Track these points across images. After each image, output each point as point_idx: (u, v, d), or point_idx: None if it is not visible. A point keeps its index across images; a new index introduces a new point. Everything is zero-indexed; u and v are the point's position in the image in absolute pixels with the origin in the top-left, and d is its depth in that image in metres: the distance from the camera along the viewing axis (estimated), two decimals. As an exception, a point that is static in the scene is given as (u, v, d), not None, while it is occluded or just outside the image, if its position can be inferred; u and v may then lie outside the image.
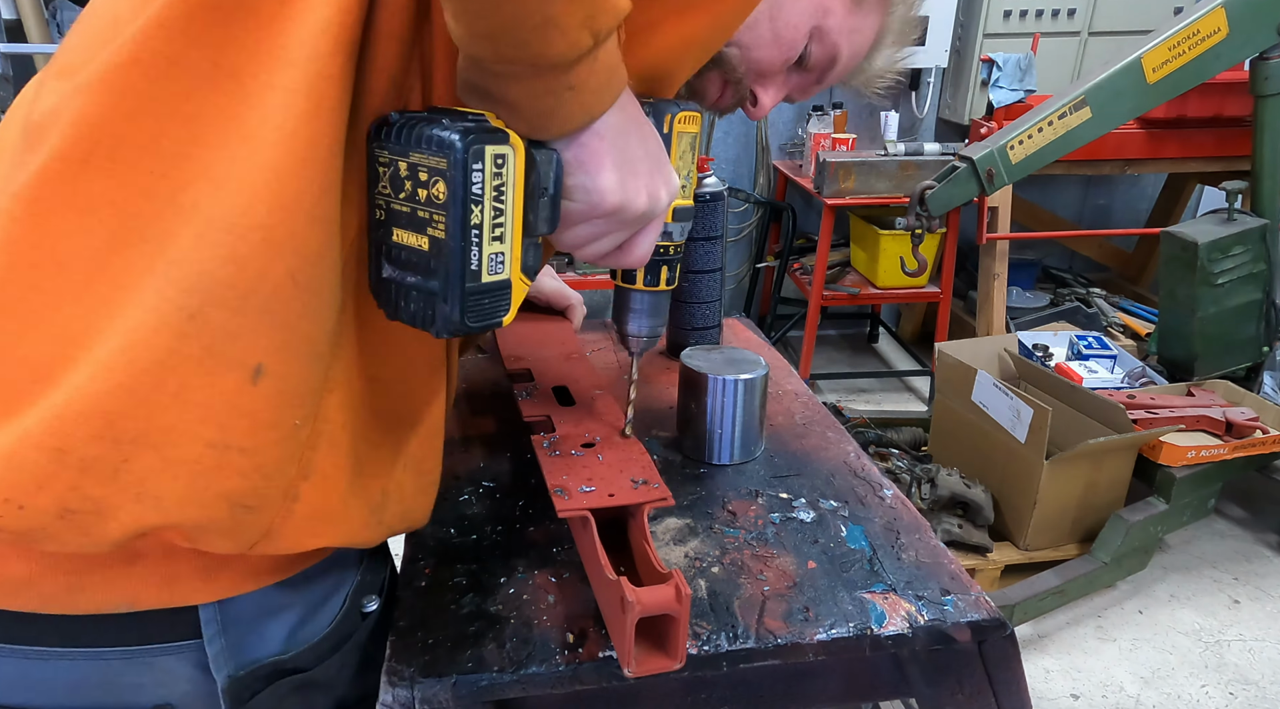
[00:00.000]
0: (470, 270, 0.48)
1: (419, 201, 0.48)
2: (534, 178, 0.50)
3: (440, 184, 0.46)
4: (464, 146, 0.45)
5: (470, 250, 0.48)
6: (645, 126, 0.55)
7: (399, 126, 0.48)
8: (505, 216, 0.49)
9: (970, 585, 0.67)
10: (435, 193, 0.47)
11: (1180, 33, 2.10)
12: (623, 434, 0.77)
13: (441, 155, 0.46)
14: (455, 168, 0.46)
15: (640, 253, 0.58)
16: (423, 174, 0.47)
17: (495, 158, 0.47)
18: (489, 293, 0.50)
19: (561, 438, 0.73)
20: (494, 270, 0.49)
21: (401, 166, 0.48)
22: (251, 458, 0.48)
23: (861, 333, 3.89)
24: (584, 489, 0.65)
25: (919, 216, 2.22)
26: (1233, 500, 2.58)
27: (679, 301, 1.06)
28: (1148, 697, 1.90)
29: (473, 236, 0.47)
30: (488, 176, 0.47)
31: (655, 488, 0.65)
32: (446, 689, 0.58)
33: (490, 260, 0.49)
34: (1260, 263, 2.31)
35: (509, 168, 0.48)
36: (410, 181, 0.48)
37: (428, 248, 0.48)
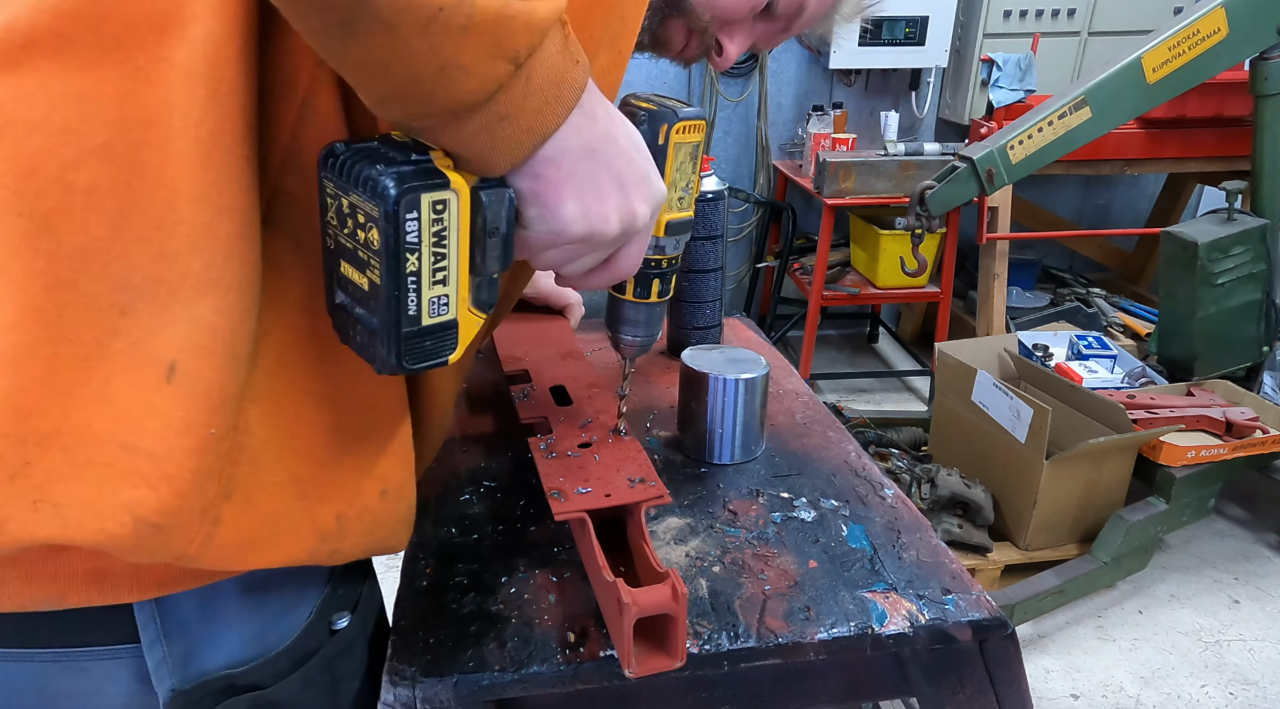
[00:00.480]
0: (408, 315, 0.46)
1: (359, 242, 0.45)
2: (480, 221, 0.47)
3: (374, 231, 0.44)
4: (396, 196, 0.43)
5: (406, 297, 0.45)
6: (620, 141, 0.50)
7: (343, 159, 0.45)
8: (448, 260, 0.46)
9: (971, 585, 0.67)
10: (370, 238, 0.44)
11: (1180, 33, 2.10)
12: (615, 432, 0.76)
13: (374, 203, 0.43)
14: (387, 219, 0.43)
15: (623, 269, 0.55)
16: (360, 216, 0.44)
17: (434, 205, 0.44)
18: (430, 334, 0.48)
19: (558, 439, 0.73)
20: (436, 313, 0.47)
21: (344, 203, 0.45)
22: (161, 466, 0.44)
23: (861, 333, 3.89)
24: (581, 490, 0.65)
25: (919, 216, 2.22)
26: (1233, 500, 2.58)
27: (679, 301, 1.06)
28: (1148, 697, 1.90)
29: (408, 284, 0.45)
30: (425, 224, 0.44)
31: (652, 486, 0.65)
32: (448, 689, 0.58)
33: (431, 304, 0.47)
34: (1260, 263, 2.31)
35: (450, 213, 0.45)
36: (351, 220, 0.45)
37: (368, 288, 0.46)
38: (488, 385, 1.02)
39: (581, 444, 0.72)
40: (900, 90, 3.41)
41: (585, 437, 0.73)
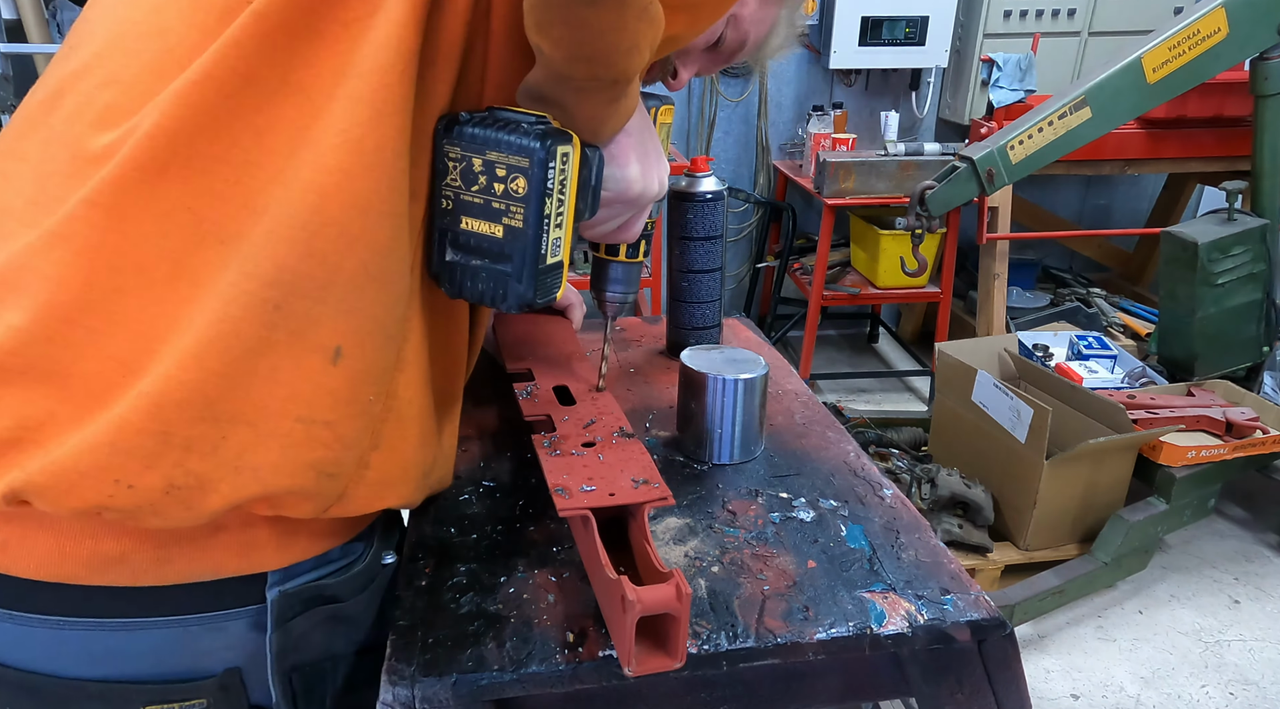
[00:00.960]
0: (540, 253, 0.56)
1: (494, 194, 0.54)
2: (585, 173, 0.58)
3: (521, 180, 0.53)
4: (544, 148, 0.52)
5: (543, 237, 0.55)
6: (649, 121, 0.64)
7: (470, 126, 0.54)
8: (566, 206, 0.57)
9: (970, 585, 0.68)
10: (514, 187, 0.53)
11: (1180, 33, 2.10)
12: (596, 389, 0.84)
13: (524, 155, 0.52)
14: (536, 166, 0.52)
15: (636, 229, 0.70)
16: (500, 170, 0.53)
17: (563, 156, 0.54)
18: (551, 272, 0.58)
19: (562, 437, 0.73)
20: (555, 253, 0.57)
21: (475, 162, 0.54)
22: (333, 430, 0.54)
23: (861, 333, 3.89)
24: (584, 488, 0.65)
25: (919, 216, 2.22)
26: (1233, 500, 2.58)
27: (679, 301, 1.06)
28: (1148, 697, 1.90)
29: (544, 225, 0.55)
30: (557, 173, 0.54)
31: (655, 487, 0.65)
32: (447, 688, 0.58)
33: (554, 244, 0.57)
34: (1260, 263, 2.31)
35: (570, 165, 0.56)
36: (485, 176, 0.54)
37: (502, 235, 0.55)
38: (487, 386, 1.02)
39: (585, 443, 0.72)
40: (900, 90, 3.41)
41: (589, 436, 0.74)
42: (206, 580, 0.58)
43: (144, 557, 0.56)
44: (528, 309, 0.58)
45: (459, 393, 0.72)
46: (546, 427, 0.77)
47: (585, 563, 0.67)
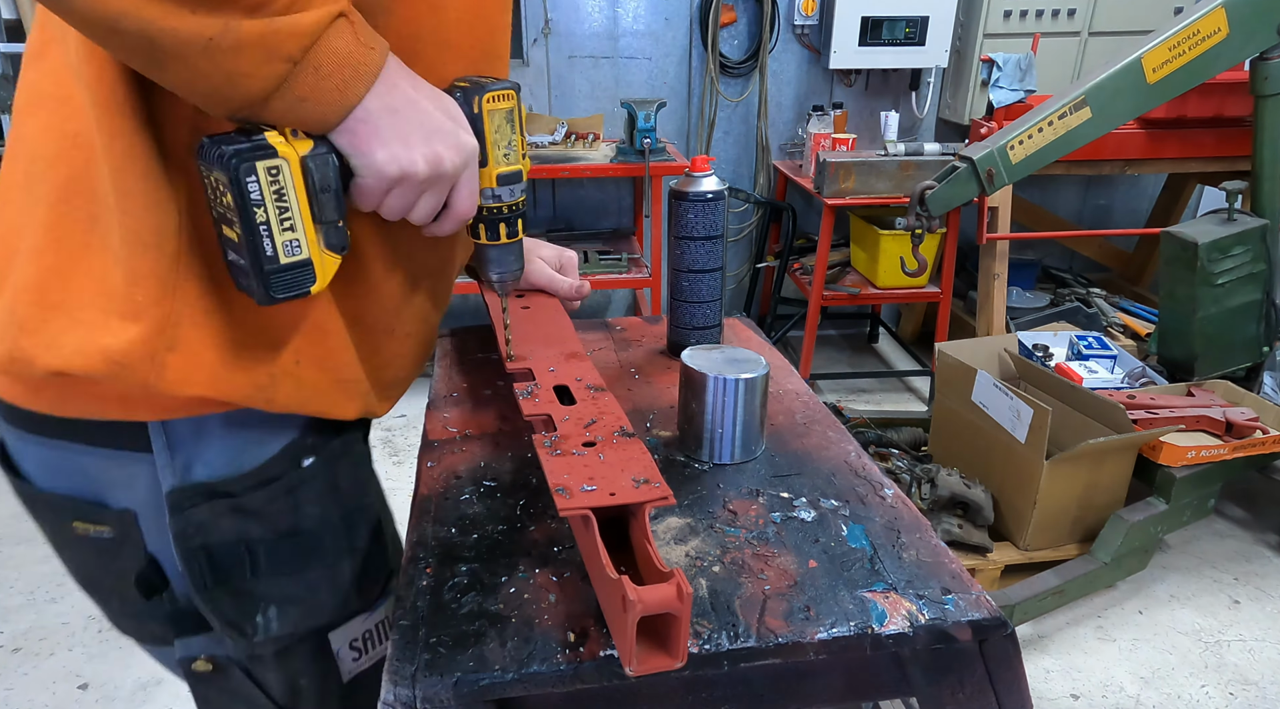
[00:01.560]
0: (266, 256, 0.61)
1: (226, 206, 0.60)
2: (311, 180, 0.61)
3: (228, 196, 0.59)
4: (235, 165, 0.57)
5: (261, 242, 0.60)
6: (422, 103, 0.64)
7: (206, 147, 0.59)
8: (292, 212, 0.61)
9: (971, 585, 0.67)
10: (227, 201, 0.59)
11: (1180, 33, 2.10)
12: (507, 358, 0.89)
13: (223, 172, 0.58)
14: (235, 182, 0.58)
15: (460, 211, 0.71)
16: (220, 186, 0.59)
17: (268, 170, 0.59)
18: (290, 270, 0.62)
19: (563, 437, 0.73)
20: (291, 253, 0.62)
21: (212, 178, 0.60)
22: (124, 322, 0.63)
23: (861, 333, 3.89)
24: (585, 488, 0.65)
25: (919, 216, 2.22)
26: (1233, 500, 2.58)
27: (679, 301, 1.06)
28: (1148, 697, 1.90)
29: (261, 231, 0.60)
30: (264, 185, 0.59)
31: (656, 487, 0.65)
32: (448, 688, 0.58)
33: (285, 246, 0.62)
34: (1260, 263, 2.31)
35: (284, 175, 0.60)
36: (215, 191, 0.60)
37: (237, 240, 0.61)
38: (487, 385, 1.03)
39: (586, 443, 0.72)
40: (900, 90, 3.41)
41: (589, 436, 0.73)
42: (99, 419, 0.70)
43: (51, 394, 0.68)
44: (271, 304, 0.63)
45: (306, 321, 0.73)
46: (547, 426, 0.77)
47: (586, 562, 0.67)
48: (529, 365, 0.89)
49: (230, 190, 0.58)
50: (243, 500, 0.74)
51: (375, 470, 0.88)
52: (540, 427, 0.77)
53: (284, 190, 0.60)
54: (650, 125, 2.87)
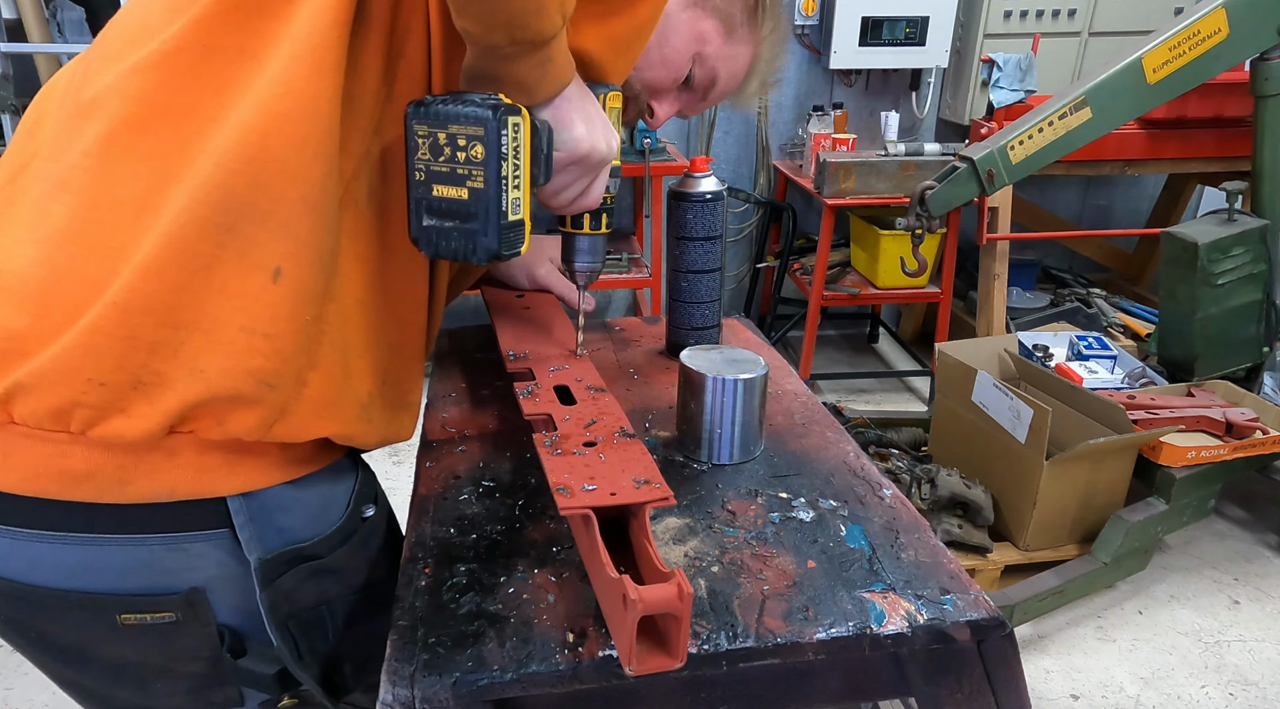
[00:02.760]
0: (502, 211, 0.64)
1: (458, 162, 0.62)
2: (536, 140, 0.67)
3: (479, 147, 0.62)
4: (495, 118, 0.61)
5: (503, 195, 0.64)
6: (589, 93, 0.72)
7: (434, 105, 0.62)
8: (521, 170, 0.65)
9: (969, 585, 0.68)
10: (474, 154, 0.62)
11: (1180, 33, 2.09)
12: (575, 354, 0.92)
13: (479, 125, 0.61)
14: (491, 133, 0.61)
15: (595, 195, 0.76)
16: (461, 140, 0.62)
17: (514, 125, 0.63)
18: (514, 228, 0.66)
19: (563, 437, 0.74)
20: (515, 211, 0.66)
21: (440, 136, 0.62)
22: (273, 343, 0.62)
23: (861, 333, 3.89)
24: (586, 488, 0.65)
25: (919, 217, 2.22)
26: (1233, 500, 2.58)
27: (677, 302, 1.06)
28: (1148, 697, 1.90)
29: (503, 185, 0.63)
30: (509, 139, 0.63)
31: (657, 487, 0.65)
32: (446, 688, 0.58)
33: (513, 203, 0.65)
34: (1260, 263, 2.31)
35: (521, 133, 0.64)
36: (450, 147, 0.62)
37: (468, 197, 0.63)
38: (487, 386, 1.03)
39: (586, 443, 0.73)
40: (900, 90, 3.41)
41: (590, 436, 0.74)
42: (164, 501, 0.65)
43: (108, 475, 0.63)
44: (496, 259, 0.66)
45: (412, 347, 0.78)
46: (547, 426, 0.77)
47: (586, 562, 0.67)
48: (529, 365, 0.89)
49: (483, 142, 0.61)
50: (327, 561, 0.74)
51: None
52: (540, 426, 0.77)
53: (520, 148, 0.64)
54: (650, 125, 2.87)
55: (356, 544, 0.77)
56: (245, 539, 0.68)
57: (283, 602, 0.71)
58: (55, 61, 2.85)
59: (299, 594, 0.72)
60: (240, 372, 0.61)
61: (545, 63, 0.64)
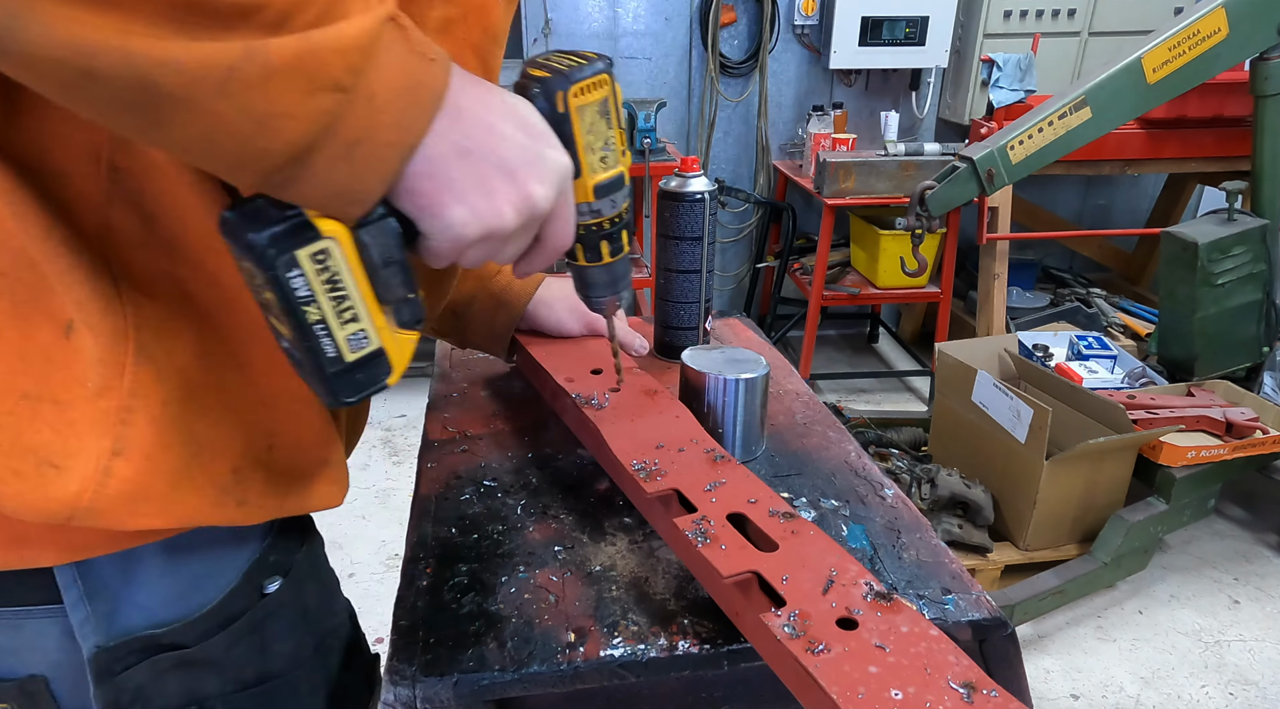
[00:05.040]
0: (328, 358, 0.48)
1: (266, 301, 0.47)
2: (369, 256, 0.47)
3: (268, 293, 0.45)
4: (272, 258, 0.44)
5: (320, 344, 0.47)
6: (499, 127, 0.49)
7: (231, 226, 0.46)
8: (351, 299, 0.48)
9: (971, 585, 0.67)
10: (268, 299, 0.46)
11: (1180, 33, 2.10)
12: (615, 389, 0.82)
13: (259, 267, 0.44)
14: (272, 282, 0.45)
15: (556, 246, 0.56)
16: (256, 280, 0.46)
17: (314, 256, 0.45)
18: (359, 368, 0.49)
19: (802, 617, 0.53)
20: (357, 347, 0.49)
21: (245, 267, 0.46)
22: (65, 413, 0.47)
23: (861, 333, 3.89)
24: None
25: (919, 216, 2.22)
26: (1233, 500, 2.58)
27: (661, 299, 1.05)
28: (1148, 697, 1.90)
29: (318, 332, 0.47)
30: (311, 276, 0.45)
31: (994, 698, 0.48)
32: (447, 688, 0.58)
33: (350, 342, 0.48)
34: (1260, 263, 2.31)
35: (335, 258, 0.46)
36: (253, 283, 0.47)
37: (291, 337, 0.48)
38: (487, 386, 1.03)
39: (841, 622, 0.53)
40: (900, 90, 3.41)
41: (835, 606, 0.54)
42: None
43: None
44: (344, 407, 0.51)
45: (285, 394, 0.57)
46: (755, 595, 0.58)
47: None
48: (674, 486, 0.66)
49: (270, 288, 0.45)
50: (196, 651, 0.57)
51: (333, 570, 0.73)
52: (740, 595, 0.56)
53: (338, 276, 0.46)
54: (650, 125, 2.87)
55: (244, 630, 0.59)
56: (77, 621, 0.54)
57: (130, 702, 0.56)
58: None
59: (154, 692, 0.56)
60: (19, 450, 0.47)
61: (344, 157, 0.42)
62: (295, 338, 0.47)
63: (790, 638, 0.50)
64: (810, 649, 0.49)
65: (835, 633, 0.50)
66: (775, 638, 0.50)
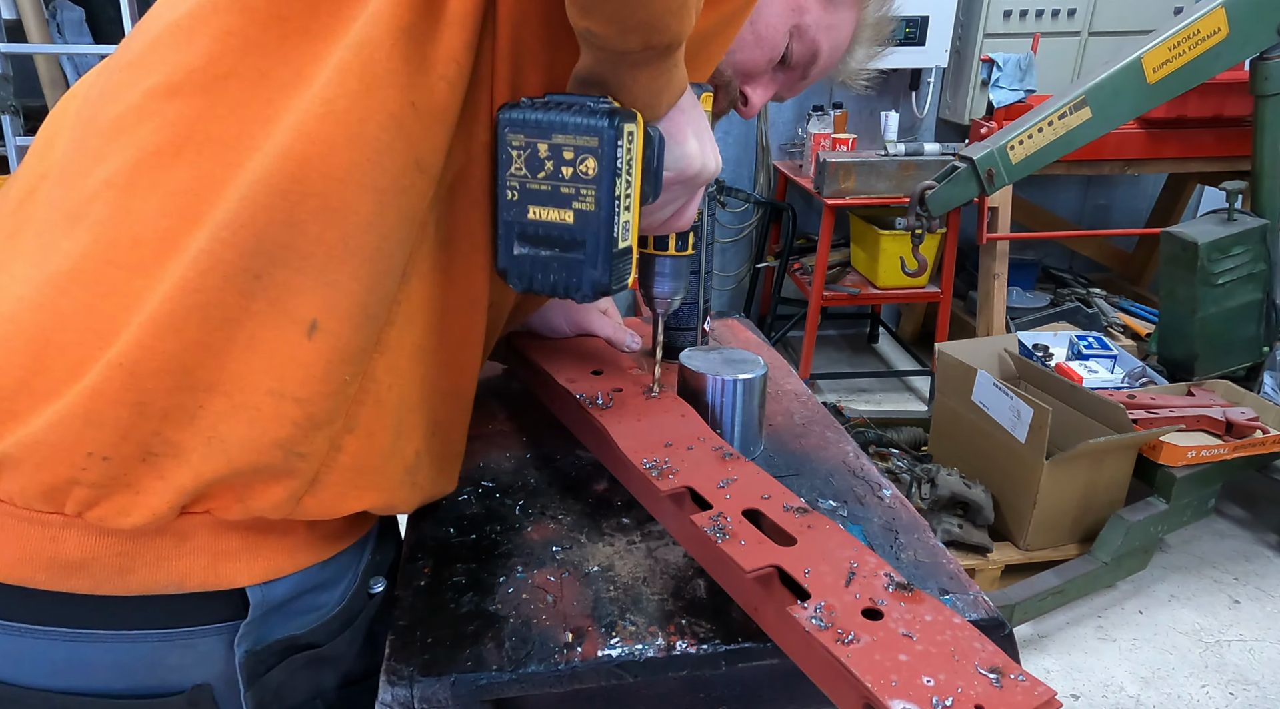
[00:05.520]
0: (613, 236, 0.54)
1: (563, 179, 0.52)
2: (649, 153, 0.56)
3: (590, 160, 0.51)
4: (612, 126, 0.51)
5: (615, 219, 0.53)
6: (697, 100, 0.63)
7: (534, 110, 0.52)
8: (633, 187, 0.55)
9: (969, 585, 0.67)
10: (584, 169, 0.52)
11: (1180, 33, 2.10)
12: (649, 393, 0.80)
13: (592, 134, 0.51)
14: (606, 144, 0.51)
15: (690, 215, 0.66)
16: (568, 153, 0.51)
17: (629, 134, 0.52)
18: (623, 256, 0.56)
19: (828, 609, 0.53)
20: (625, 236, 0.55)
21: (541, 148, 0.52)
22: (305, 408, 0.53)
23: (861, 333, 3.89)
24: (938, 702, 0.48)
25: (919, 216, 2.22)
26: (1233, 500, 2.58)
27: None
28: (1148, 697, 1.90)
29: (615, 207, 0.53)
30: (625, 152, 0.52)
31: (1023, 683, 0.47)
32: (445, 688, 0.58)
33: (624, 228, 0.55)
34: (1260, 263, 2.31)
35: (635, 143, 0.54)
36: (552, 161, 0.52)
37: (573, 220, 0.53)
38: (484, 386, 1.03)
39: (867, 612, 0.53)
40: (900, 90, 3.41)
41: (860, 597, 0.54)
42: (172, 594, 0.55)
43: (106, 564, 0.53)
44: (603, 294, 0.56)
45: (465, 393, 0.68)
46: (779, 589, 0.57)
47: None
48: (687, 484, 0.66)
49: (596, 154, 0.51)
50: (325, 650, 0.63)
51: None
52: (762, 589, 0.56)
53: (633, 162, 0.54)
54: (650, 125, 2.87)
55: (359, 627, 0.66)
56: (243, 630, 0.58)
57: (272, 701, 0.60)
58: (55, 62, 2.85)
59: (289, 689, 0.62)
60: (266, 442, 0.52)
61: (672, 69, 0.55)
62: (594, 213, 0.52)
63: (819, 630, 0.50)
64: (840, 640, 0.49)
65: (862, 623, 0.51)
66: (804, 630, 0.50)
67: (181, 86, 0.52)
